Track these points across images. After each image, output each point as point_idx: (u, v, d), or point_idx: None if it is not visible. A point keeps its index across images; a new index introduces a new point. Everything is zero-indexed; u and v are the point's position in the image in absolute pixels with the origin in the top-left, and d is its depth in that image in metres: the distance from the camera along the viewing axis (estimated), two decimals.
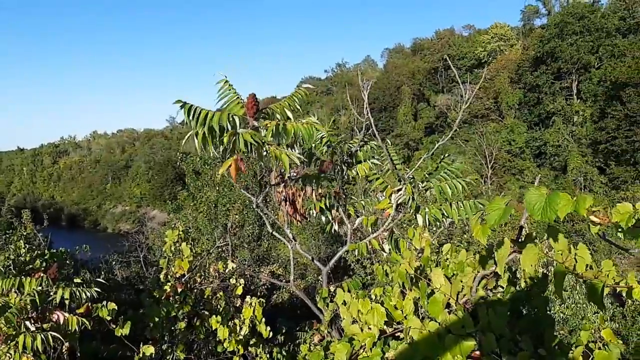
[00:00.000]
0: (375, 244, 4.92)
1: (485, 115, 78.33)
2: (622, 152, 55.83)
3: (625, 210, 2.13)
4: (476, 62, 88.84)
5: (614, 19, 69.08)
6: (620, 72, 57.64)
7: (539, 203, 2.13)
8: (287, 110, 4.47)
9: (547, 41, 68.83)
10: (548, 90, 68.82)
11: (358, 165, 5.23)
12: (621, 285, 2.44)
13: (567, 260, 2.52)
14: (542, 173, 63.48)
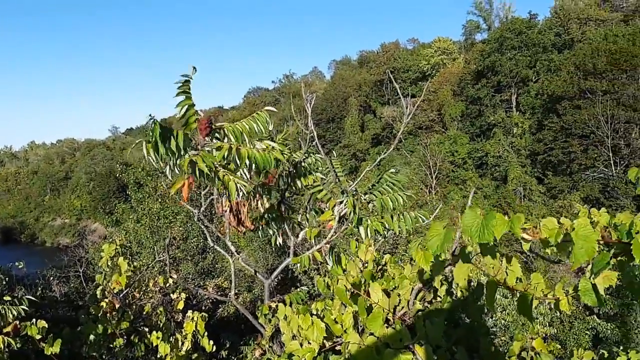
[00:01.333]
0: (318, 257, 4.90)
1: (429, 126, 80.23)
2: (558, 163, 58.32)
3: (552, 226, 2.19)
4: (420, 75, 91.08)
5: (550, 35, 72.52)
6: (556, 86, 60.41)
7: (475, 225, 2.15)
8: (244, 134, 4.41)
9: (487, 55, 71.36)
10: (489, 103, 71.26)
11: (302, 178, 5.21)
12: (549, 297, 2.52)
13: (499, 273, 2.57)
14: (484, 183, 65.49)
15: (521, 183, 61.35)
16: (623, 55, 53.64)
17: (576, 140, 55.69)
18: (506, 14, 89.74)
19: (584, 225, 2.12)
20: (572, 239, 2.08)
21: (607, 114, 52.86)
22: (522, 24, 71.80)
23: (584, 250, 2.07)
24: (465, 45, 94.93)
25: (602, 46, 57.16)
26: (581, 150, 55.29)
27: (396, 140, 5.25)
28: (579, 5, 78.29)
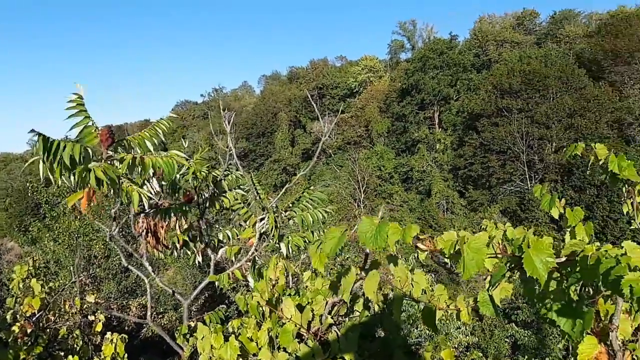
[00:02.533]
0: (238, 274, 4.87)
1: (357, 142, 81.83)
2: (478, 177, 61.08)
3: (449, 238, 2.30)
4: (348, 92, 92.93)
5: (470, 55, 76.26)
6: (475, 104, 63.47)
7: (370, 232, 2.23)
8: (147, 142, 4.31)
9: (411, 74, 73.90)
10: (413, 120, 73.67)
11: (223, 195, 5.17)
12: (451, 307, 2.63)
13: (405, 286, 2.67)
14: (409, 197, 67.41)
15: (444, 197, 63.66)
16: (536, 76, 57.16)
17: (494, 155, 58.56)
18: (429, 34, 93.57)
19: (475, 239, 2.24)
20: (464, 250, 2.19)
21: (522, 131, 56.08)
22: (443, 44, 75.06)
23: (474, 262, 2.18)
24: (390, 64, 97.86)
25: (517, 67, 60.73)
26: (499, 165, 58.19)
27: (312, 162, 5.30)
28: (496, 27, 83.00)
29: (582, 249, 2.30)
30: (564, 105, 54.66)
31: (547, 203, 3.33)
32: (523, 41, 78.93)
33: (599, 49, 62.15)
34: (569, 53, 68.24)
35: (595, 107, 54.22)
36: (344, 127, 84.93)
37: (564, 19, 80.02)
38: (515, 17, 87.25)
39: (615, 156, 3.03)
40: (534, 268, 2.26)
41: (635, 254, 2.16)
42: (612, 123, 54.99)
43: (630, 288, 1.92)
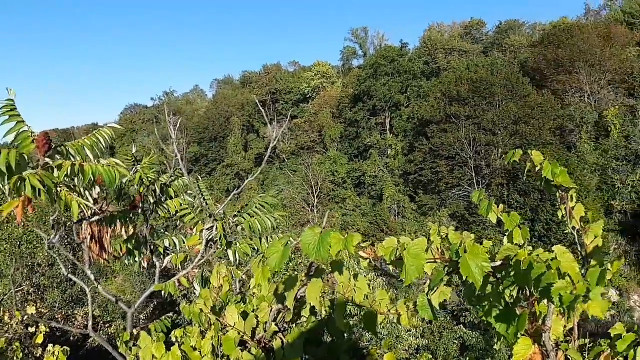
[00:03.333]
0: (185, 282, 4.78)
1: (311, 147, 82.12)
2: (428, 182, 62.34)
3: (389, 245, 2.34)
4: (302, 97, 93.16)
5: (419, 63, 77.91)
6: (425, 111, 64.83)
7: (313, 243, 2.24)
8: (87, 150, 4.19)
9: (363, 80, 74.78)
10: (365, 126, 74.53)
11: (169, 201, 5.07)
12: (392, 312, 2.68)
13: (348, 292, 2.69)
14: (362, 201, 68.10)
15: (395, 201, 64.65)
16: (483, 84, 58.92)
17: (443, 161, 59.91)
18: (380, 42, 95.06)
19: (414, 245, 2.29)
20: (404, 257, 2.23)
21: (470, 138, 57.63)
22: (394, 52, 76.41)
23: (415, 268, 2.23)
24: (343, 70, 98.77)
25: (465, 75, 62.46)
26: (448, 170, 59.57)
27: (264, 163, 5.29)
28: (445, 36, 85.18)
29: (515, 253, 2.39)
30: (510, 112, 56.57)
31: (485, 209, 3.43)
32: (471, 50, 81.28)
33: (542, 58, 64.69)
34: (514, 62, 70.73)
35: (538, 114, 56.36)
36: (298, 132, 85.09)
37: (509, 29, 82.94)
38: (463, 27, 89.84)
39: (549, 163, 3.16)
40: (470, 272, 2.33)
41: (564, 259, 2.25)
42: (554, 130, 57.29)
43: (560, 296, 2.00)
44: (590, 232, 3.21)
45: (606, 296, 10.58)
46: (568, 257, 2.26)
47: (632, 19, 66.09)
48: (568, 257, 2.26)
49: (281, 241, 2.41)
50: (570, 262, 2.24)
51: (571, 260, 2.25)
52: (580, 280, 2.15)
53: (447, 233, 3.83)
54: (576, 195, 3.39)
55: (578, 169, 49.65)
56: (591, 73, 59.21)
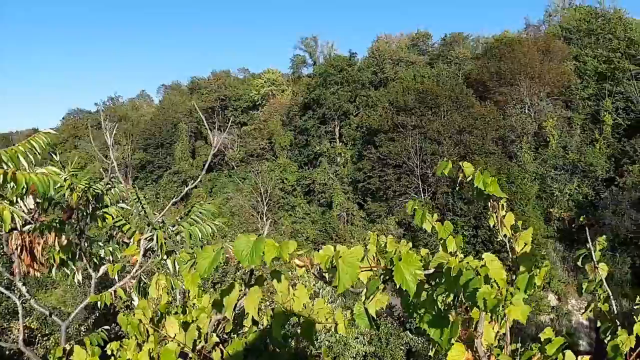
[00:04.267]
0: (122, 293, 4.65)
1: (260, 154, 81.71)
2: (376, 190, 63.16)
3: (325, 253, 2.37)
4: (251, 104, 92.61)
5: (368, 73, 79.02)
6: (373, 120, 65.80)
7: (246, 249, 2.23)
8: (20, 157, 4.03)
9: (313, 89, 75.17)
10: (315, 133, 74.85)
11: (105, 210, 4.92)
12: (329, 320, 2.70)
13: (287, 301, 2.70)
14: (312, 209, 68.27)
15: (344, 208, 65.15)
16: (429, 94, 60.38)
17: (391, 169, 60.89)
18: (329, 51, 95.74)
19: (350, 253, 2.33)
20: (338, 265, 2.26)
21: (417, 146, 58.90)
22: (343, 61, 77.19)
23: (349, 276, 2.26)
24: (293, 78, 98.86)
25: (411, 85, 63.84)
26: (395, 178, 60.57)
27: (203, 170, 5.23)
28: (392, 47, 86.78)
29: (447, 261, 2.46)
30: (454, 122, 58.20)
31: (419, 218, 3.51)
32: (417, 61, 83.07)
33: (485, 70, 66.91)
34: (458, 74, 72.79)
35: (481, 124, 58.24)
36: (247, 139, 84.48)
37: (454, 41, 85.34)
38: (410, 38, 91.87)
39: (480, 174, 3.27)
40: (404, 280, 2.38)
41: (492, 266, 2.34)
42: (496, 140, 59.38)
43: (484, 300, 2.08)
44: (520, 240, 3.34)
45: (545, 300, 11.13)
46: (496, 265, 2.35)
47: (569, 34, 69.35)
48: (496, 265, 2.35)
49: (212, 247, 2.39)
50: (498, 269, 2.33)
51: (499, 267, 2.34)
52: (505, 286, 2.24)
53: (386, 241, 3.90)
54: (507, 203, 3.53)
55: (519, 178, 51.59)
56: (531, 85, 61.72)
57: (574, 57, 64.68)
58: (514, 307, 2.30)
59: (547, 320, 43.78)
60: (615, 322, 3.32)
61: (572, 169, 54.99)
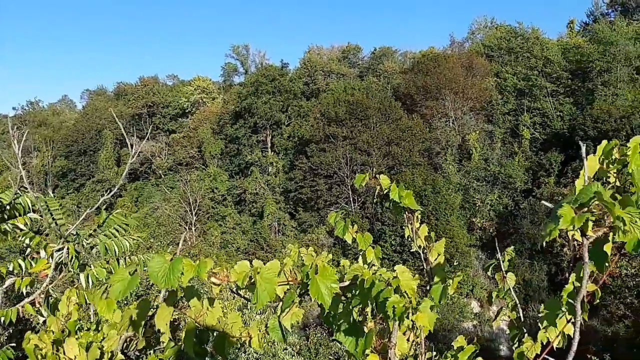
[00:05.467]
0: (30, 309, 4.40)
1: (190, 163, 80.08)
2: (308, 200, 63.49)
3: (241, 270, 2.34)
4: (180, 112, 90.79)
5: (299, 83, 79.59)
6: (305, 130, 66.27)
7: (162, 271, 2.17)
8: None
9: (244, 98, 74.66)
10: (246, 143, 74.32)
11: (11, 222, 4.63)
12: (244, 334, 2.68)
13: (200, 316, 2.64)
14: (243, 219, 67.57)
15: (276, 218, 65.01)
16: (359, 106, 61.56)
17: (322, 179, 61.45)
18: (261, 60, 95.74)
19: (267, 269, 2.32)
20: (257, 281, 2.25)
21: (347, 157, 59.84)
22: (275, 71, 77.34)
23: (267, 292, 2.26)
24: (224, 86, 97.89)
25: (342, 97, 64.85)
26: (326, 188, 61.18)
27: (120, 179, 5.05)
28: (324, 59, 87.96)
29: (361, 272, 2.51)
30: (383, 134, 59.64)
31: (341, 229, 3.56)
32: (348, 73, 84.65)
33: (412, 84, 69.08)
34: (387, 87, 74.81)
35: (409, 137, 60.04)
36: (176, 147, 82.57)
37: (383, 55, 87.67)
38: (340, 50, 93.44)
39: (396, 186, 3.36)
40: (319, 294, 2.40)
41: (404, 277, 2.41)
42: (423, 152, 61.40)
43: (393, 309, 2.13)
44: (434, 250, 3.45)
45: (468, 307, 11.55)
46: (406, 276, 2.42)
47: (491, 51, 72.94)
48: (406, 276, 2.42)
49: (126, 268, 2.31)
50: (408, 279, 2.40)
51: (409, 278, 2.41)
52: (414, 296, 2.31)
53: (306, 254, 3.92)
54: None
55: (444, 189, 53.45)
56: (455, 100, 64.35)
57: (495, 74, 68.07)
58: (421, 315, 2.37)
59: (470, 327, 45.41)
60: (522, 329, 3.49)
61: (493, 181, 57.66)
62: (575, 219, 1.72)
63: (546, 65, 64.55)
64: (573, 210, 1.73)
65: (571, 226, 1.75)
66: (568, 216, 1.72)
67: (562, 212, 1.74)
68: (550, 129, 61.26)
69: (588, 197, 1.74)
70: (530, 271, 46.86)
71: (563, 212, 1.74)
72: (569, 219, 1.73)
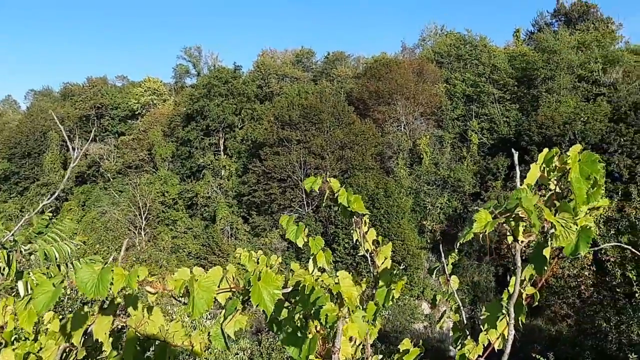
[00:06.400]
0: None
1: (139, 166, 78.24)
2: (261, 204, 63.09)
3: (179, 278, 2.30)
4: (130, 113, 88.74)
5: (253, 86, 79.09)
6: (258, 133, 65.88)
7: (91, 281, 2.11)
8: None
9: (196, 100, 73.61)
10: (198, 145, 73.29)
11: None
12: (185, 343, 2.62)
13: (141, 325, 2.57)
14: (194, 223, 66.51)
15: (228, 222, 64.30)
16: (313, 110, 61.74)
17: (276, 183, 61.24)
18: (214, 62, 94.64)
19: (206, 277, 2.28)
20: (193, 289, 2.21)
21: (301, 161, 59.88)
22: (228, 73, 76.60)
23: (204, 301, 2.22)
24: (175, 88, 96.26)
25: (296, 100, 64.88)
26: (280, 192, 60.99)
27: (62, 184, 4.88)
28: (277, 62, 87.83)
29: (303, 278, 2.50)
30: (336, 138, 60.03)
31: (293, 233, 3.55)
32: (301, 77, 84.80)
33: (365, 89, 69.86)
34: (340, 91, 75.36)
35: (362, 141, 60.65)
36: (125, 150, 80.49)
37: (336, 60, 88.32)
38: (294, 54, 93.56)
39: (345, 190, 3.38)
40: (261, 300, 2.38)
41: (345, 283, 2.42)
42: (375, 155, 62.17)
43: (326, 316, 2.14)
44: (381, 254, 3.49)
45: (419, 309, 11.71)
46: (348, 282, 2.44)
47: (441, 58, 74.69)
48: (348, 282, 2.44)
49: (51, 281, 2.22)
50: (349, 286, 2.41)
51: (350, 284, 2.42)
52: (353, 303, 2.32)
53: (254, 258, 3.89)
54: (369, 220, 3.69)
55: (395, 192, 54.26)
56: (406, 105, 65.47)
57: (445, 80, 69.71)
58: (351, 325, 2.39)
59: (421, 328, 46.16)
60: (465, 331, 3.57)
61: (442, 184, 58.96)
62: (489, 223, 1.77)
63: (493, 73, 66.62)
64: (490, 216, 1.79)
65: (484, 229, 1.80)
66: (482, 221, 1.77)
67: (477, 217, 1.80)
68: (497, 134, 63.20)
69: (514, 203, 1.79)
70: (479, 273, 48.11)
71: (478, 217, 1.79)
72: (482, 224, 1.78)
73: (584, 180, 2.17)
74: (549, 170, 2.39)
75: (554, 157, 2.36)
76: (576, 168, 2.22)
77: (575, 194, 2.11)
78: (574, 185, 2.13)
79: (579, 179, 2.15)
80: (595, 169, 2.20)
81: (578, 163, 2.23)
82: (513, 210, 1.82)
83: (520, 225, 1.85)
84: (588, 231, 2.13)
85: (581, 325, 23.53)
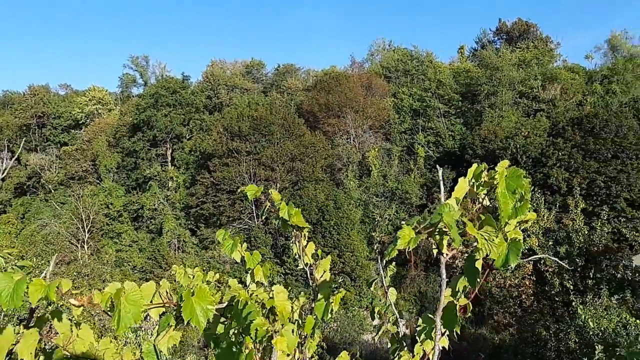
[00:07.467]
0: None
1: (83, 177, 75.70)
2: (210, 216, 62.17)
3: (109, 291, 2.23)
4: (73, 123, 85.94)
5: (202, 97, 78.24)
6: (207, 144, 65.06)
7: (6, 290, 2.02)
8: None
9: (143, 110, 72.06)
10: (145, 156, 71.63)
11: None
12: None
13: (69, 342, 2.48)
14: (140, 236, 64.79)
15: (176, 235, 62.98)
16: (263, 122, 61.59)
17: (225, 195, 60.51)
18: (161, 72, 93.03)
19: (135, 291, 2.23)
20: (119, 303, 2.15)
21: (251, 172, 59.50)
22: (176, 83, 75.46)
23: (131, 315, 2.16)
24: (121, 97, 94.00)
25: (246, 112, 64.57)
26: (229, 204, 60.30)
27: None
28: (227, 73, 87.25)
29: (238, 293, 2.48)
30: (286, 150, 60.05)
31: (229, 247, 3.52)
32: (252, 88, 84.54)
33: (315, 102, 70.36)
34: (290, 103, 75.64)
35: (312, 153, 60.93)
36: (68, 160, 77.68)
37: (286, 72, 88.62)
38: (244, 65, 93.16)
39: (286, 204, 3.38)
40: (193, 315, 2.34)
41: (279, 298, 2.42)
42: (325, 168, 62.55)
43: (255, 331, 2.13)
44: (320, 267, 3.50)
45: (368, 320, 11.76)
46: (282, 296, 2.43)
47: (389, 73, 76.23)
48: (282, 296, 2.43)
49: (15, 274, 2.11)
50: (283, 300, 2.41)
51: (284, 299, 2.42)
52: (285, 318, 2.32)
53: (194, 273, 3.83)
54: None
55: (345, 204, 54.67)
56: (356, 118, 66.38)
57: (393, 94, 71.17)
58: (280, 339, 2.39)
59: (369, 339, 46.47)
60: (402, 342, 3.62)
61: (391, 196, 59.87)
62: (412, 239, 1.82)
63: (439, 88, 68.55)
64: (413, 232, 1.83)
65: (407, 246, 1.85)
66: (406, 237, 1.82)
67: (401, 234, 1.85)
68: (442, 147, 64.91)
69: (437, 218, 1.85)
70: (426, 283, 48.98)
71: (402, 233, 1.84)
72: (406, 240, 1.83)
73: (510, 194, 2.26)
74: (477, 185, 2.48)
75: (482, 172, 2.45)
76: (503, 183, 2.31)
77: (501, 208, 2.19)
78: (500, 200, 2.22)
79: (505, 194, 2.24)
80: (520, 184, 2.30)
81: (505, 178, 2.33)
82: (437, 224, 1.87)
83: (444, 239, 1.91)
84: (517, 244, 2.22)
85: (522, 333, 24.23)
